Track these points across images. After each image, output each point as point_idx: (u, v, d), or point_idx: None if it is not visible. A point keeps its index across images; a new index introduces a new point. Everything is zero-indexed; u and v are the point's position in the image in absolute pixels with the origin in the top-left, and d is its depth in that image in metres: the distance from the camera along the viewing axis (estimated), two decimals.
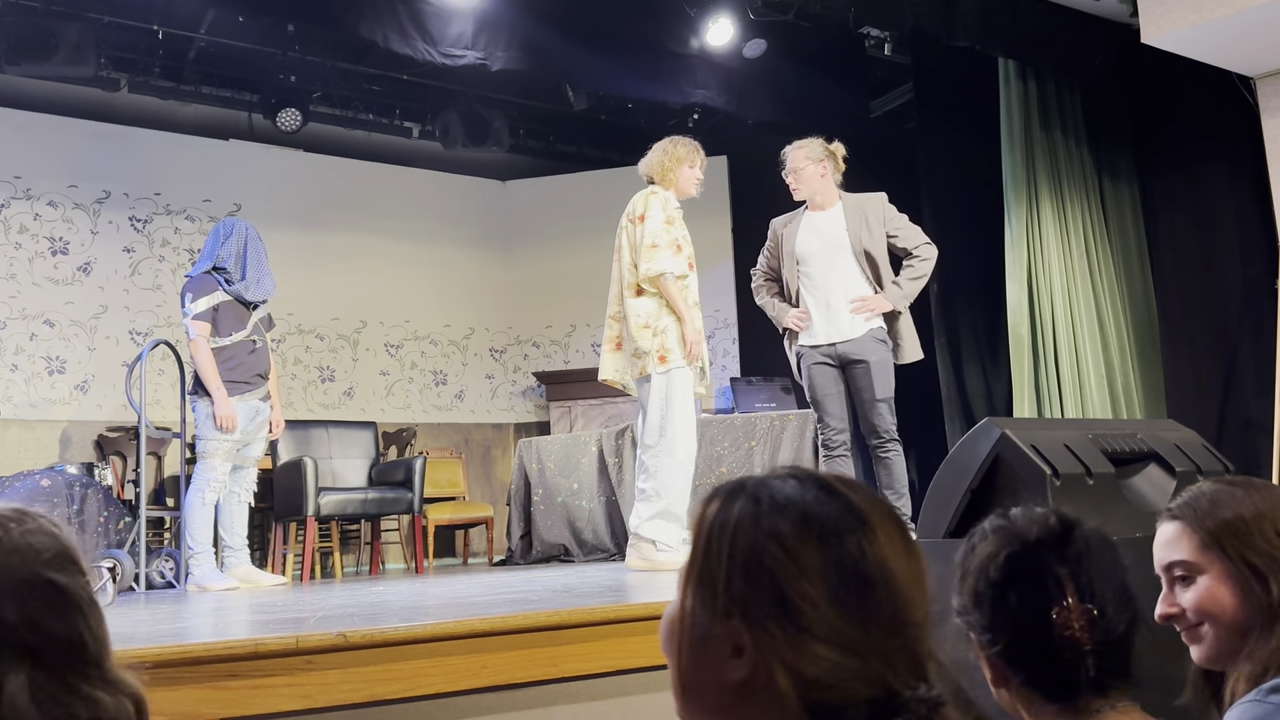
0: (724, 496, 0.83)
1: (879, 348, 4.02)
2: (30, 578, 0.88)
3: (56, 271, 6.57)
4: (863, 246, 4.07)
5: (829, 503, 0.80)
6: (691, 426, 3.97)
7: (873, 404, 4.01)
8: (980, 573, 1.16)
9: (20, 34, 5.44)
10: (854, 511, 0.79)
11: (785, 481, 0.82)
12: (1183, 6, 4.75)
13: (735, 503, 0.82)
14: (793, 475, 0.83)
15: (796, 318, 4.12)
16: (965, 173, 6.04)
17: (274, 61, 6.30)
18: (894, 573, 0.79)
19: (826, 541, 0.77)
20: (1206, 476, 2.28)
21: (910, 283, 4.09)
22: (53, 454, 6.32)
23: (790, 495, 0.80)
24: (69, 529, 0.96)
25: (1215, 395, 5.55)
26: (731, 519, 0.80)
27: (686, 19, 5.83)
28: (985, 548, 1.17)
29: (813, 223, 4.18)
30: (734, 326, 7.77)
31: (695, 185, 4.17)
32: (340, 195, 7.50)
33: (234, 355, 4.60)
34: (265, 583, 4.66)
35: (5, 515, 0.92)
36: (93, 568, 0.97)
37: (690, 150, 4.20)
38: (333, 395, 7.36)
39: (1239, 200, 5.50)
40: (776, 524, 0.78)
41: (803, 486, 0.81)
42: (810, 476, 0.82)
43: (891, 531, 0.80)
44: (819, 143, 4.20)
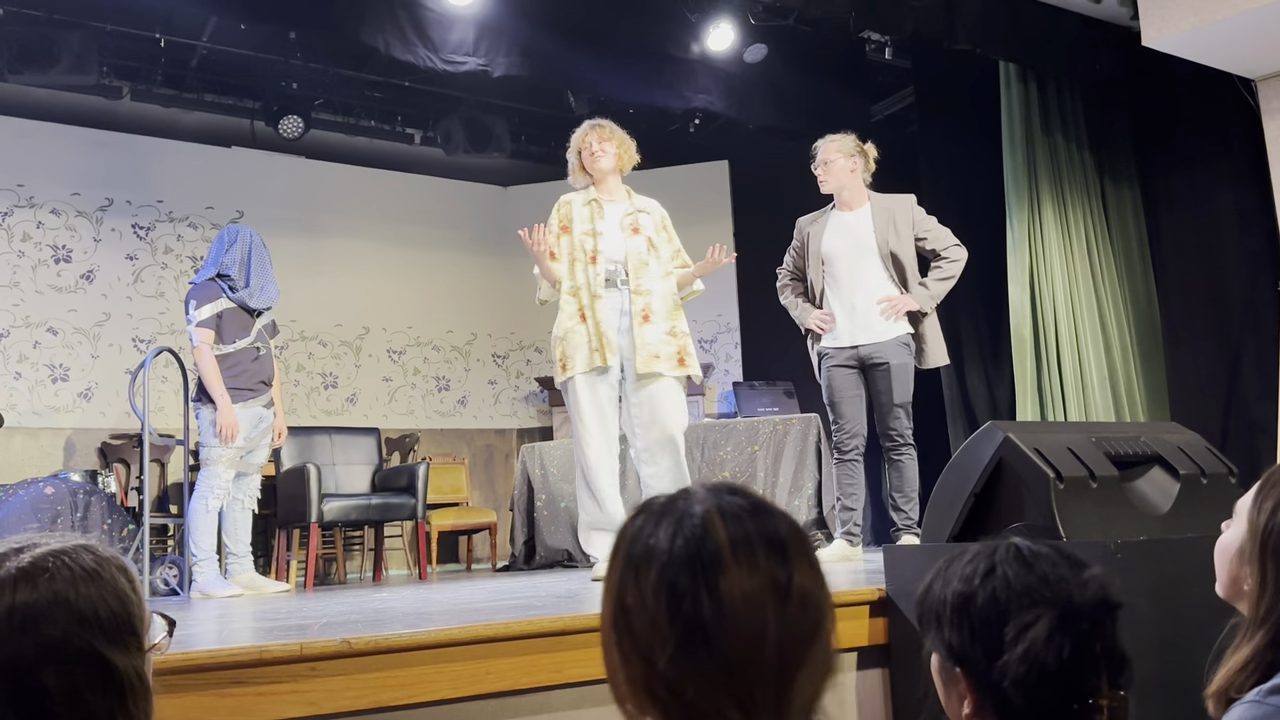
0: (640, 512, 0.89)
1: (901, 351, 4.00)
2: (84, 650, 0.83)
3: (60, 279, 6.58)
4: (889, 248, 4.03)
5: (690, 544, 0.84)
6: (589, 434, 3.79)
7: (890, 407, 4.00)
8: (1001, 621, 1.08)
9: (23, 43, 5.46)
10: (708, 553, 0.83)
11: (661, 523, 0.87)
12: (1183, 9, 4.76)
13: (635, 520, 0.89)
14: (686, 511, 0.86)
15: (820, 319, 4.08)
16: (966, 176, 6.05)
17: (276, 69, 6.31)
18: (739, 614, 0.81)
19: (670, 583, 0.83)
20: (1210, 479, 2.28)
21: (938, 284, 4.05)
22: (56, 462, 6.32)
23: (661, 538, 0.85)
24: (140, 588, 0.91)
25: (1218, 397, 5.54)
26: (626, 535, 0.88)
27: (687, 24, 5.84)
28: (1026, 615, 1.08)
29: (840, 222, 4.15)
30: (736, 331, 7.77)
31: (592, 159, 3.89)
32: (342, 202, 7.51)
33: (238, 362, 4.60)
34: (269, 589, 4.67)
35: (81, 562, 0.87)
36: (151, 619, 0.94)
37: (575, 140, 3.98)
38: (335, 401, 7.37)
39: (1241, 202, 5.50)
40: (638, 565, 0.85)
41: (678, 526, 0.85)
42: (697, 513, 0.86)
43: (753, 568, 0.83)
44: (852, 139, 4.16)
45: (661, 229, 3.98)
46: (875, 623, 2.42)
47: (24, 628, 0.82)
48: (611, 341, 3.77)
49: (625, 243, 3.86)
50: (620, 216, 3.90)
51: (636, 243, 3.87)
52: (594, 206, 3.90)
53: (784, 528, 0.87)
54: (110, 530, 4.86)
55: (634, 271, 3.83)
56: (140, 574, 4.43)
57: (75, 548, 0.90)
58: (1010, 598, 1.09)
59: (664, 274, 3.88)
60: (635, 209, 3.94)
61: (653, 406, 3.78)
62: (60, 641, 0.83)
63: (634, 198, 3.99)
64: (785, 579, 0.83)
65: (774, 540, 0.85)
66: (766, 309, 6.60)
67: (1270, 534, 1.19)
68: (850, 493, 4.07)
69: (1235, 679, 1.16)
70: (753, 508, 0.87)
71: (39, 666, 0.81)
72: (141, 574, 4.46)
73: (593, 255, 3.84)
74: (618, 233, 3.87)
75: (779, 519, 0.87)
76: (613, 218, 3.90)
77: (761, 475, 5.22)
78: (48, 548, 0.89)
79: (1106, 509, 2.11)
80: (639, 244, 3.87)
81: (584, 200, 3.91)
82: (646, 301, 3.80)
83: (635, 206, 3.95)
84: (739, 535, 0.83)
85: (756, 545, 0.83)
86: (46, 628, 0.82)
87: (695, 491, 0.88)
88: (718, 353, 7.77)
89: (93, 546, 0.91)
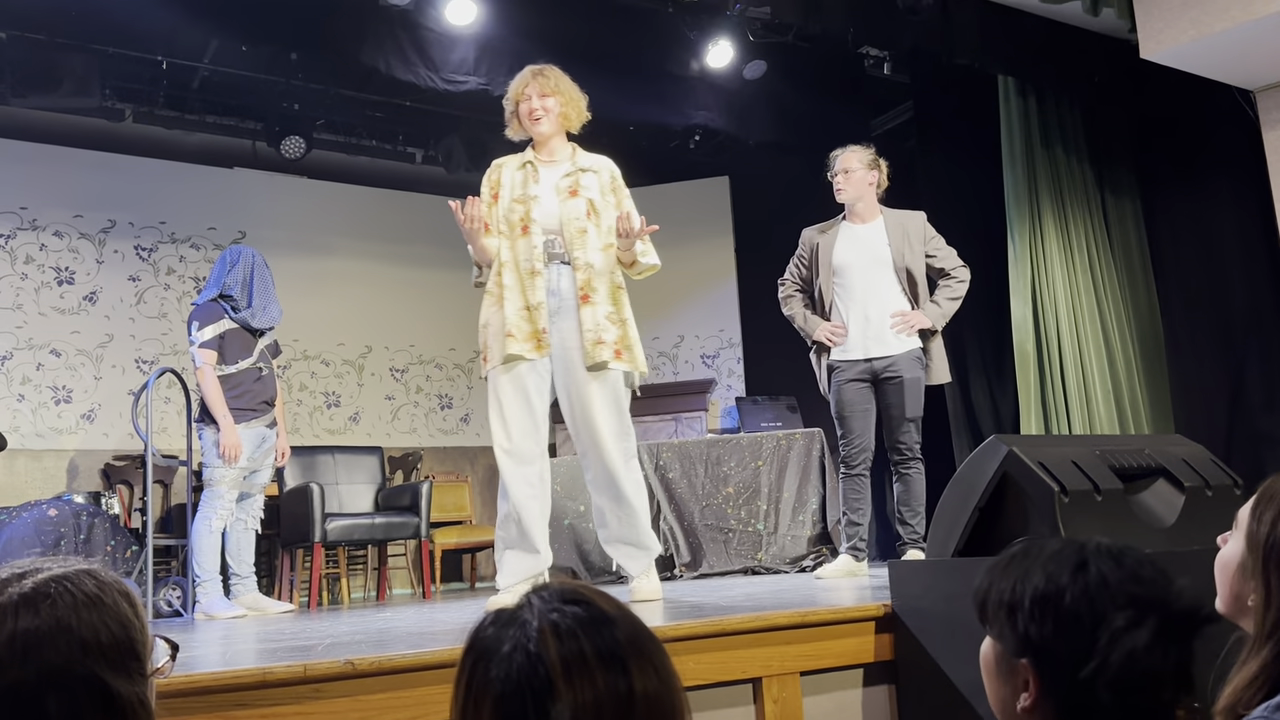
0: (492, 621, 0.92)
1: (915, 365, 4.01)
2: (86, 676, 0.83)
3: (63, 301, 6.59)
4: (905, 263, 4.05)
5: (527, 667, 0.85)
6: (508, 439, 3.20)
7: (902, 421, 4.00)
8: (1094, 618, 1.06)
9: (26, 67, 5.48)
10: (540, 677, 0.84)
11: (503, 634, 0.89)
12: (1181, 21, 4.77)
13: (484, 630, 0.91)
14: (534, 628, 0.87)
15: (830, 332, 4.08)
16: (967, 189, 6.05)
17: (277, 90, 6.34)
18: None
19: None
20: (1215, 491, 2.27)
21: (948, 303, 4.09)
22: (60, 483, 6.32)
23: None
24: (143, 612, 0.90)
25: (1222, 408, 5.53)
26: (473, 649, 0.91)
27: (687, 42, 5.86)
28: (1124, 615, 1.06)
29: (852, 234, 4.15)
30: (739, 346, 7.77)
31: (531, 120, 3.30)
32: (344, 221, 7.53)
33: (240, 383, 4.61)
34: (272, 610, 4.65)
35: (83, 588, 0.87)
36: (153, 642, 0.93)
37: (513, 88, 3.38)
38: (338, 420, 7.37)
39: (1242, 212, 5.50)
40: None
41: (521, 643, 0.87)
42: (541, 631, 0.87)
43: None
44: (871, 151, 4.20)
45: (610, 190, 3.34)
46: (881, 639, 2.41)
47: (25, 654, 0.81)
48: (540, 327, 3.18)
49: (560, 207, 3.25)
50: (557, 178, 3.30)
51: (574, 206, 3.25)
52: (528, 170, 3.31)
53: (623, 634, 0.87)
54: (114, 552, 4.86)
55: (571, 241, 3.22)
56: (144, 595, 4.42)
57: (77, 573, 0.90)
58: (1106, 596, 1.07)
59: (604, 245, 3.26)
60: (577, 168, 3.32)
61: (583, 405, 3.21)
62: (62, 668, 0.83)
63: (578, 155, 3.37)
64: (625, 690, 0.84)
65: (610, 653, 0.85)
66: (769, 323, 6.60)
67: (1272, 547, 1.18)
68: (857, 507, 4.06)
69: (1243, 695, 1.15)
70: (590, 620, 0.87)
71: (41, 693, 0.81)
72: (145, 595, 4.46)
73: (524, 225, 3.24)
74: (552, 196, 3.27)
75: (618, 626, 0.88)
76: (548, 181, 3.31)
77: (765, 491, 5.21)
78: (50, 573, 0.88)
79: (1111, 522, 2.11)
80: (577, 208, 3.25)
81: (519, 163, 3.34)
82: (586, 277, 3.20)
83: (577, 165, 3.33)
84: (572, 654, 0.84)
85: (591, 663, 0.84)
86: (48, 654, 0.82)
87: (533, 603, 0.89)
88: (720, 368, 7.77)
89: (95, 571, 0.91)
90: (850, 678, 2.38)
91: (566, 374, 3.24)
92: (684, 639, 2.18)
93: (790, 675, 2.28)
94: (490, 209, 3.30)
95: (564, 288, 3.23)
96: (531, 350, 3.18)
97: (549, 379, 3.26)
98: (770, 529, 5.15)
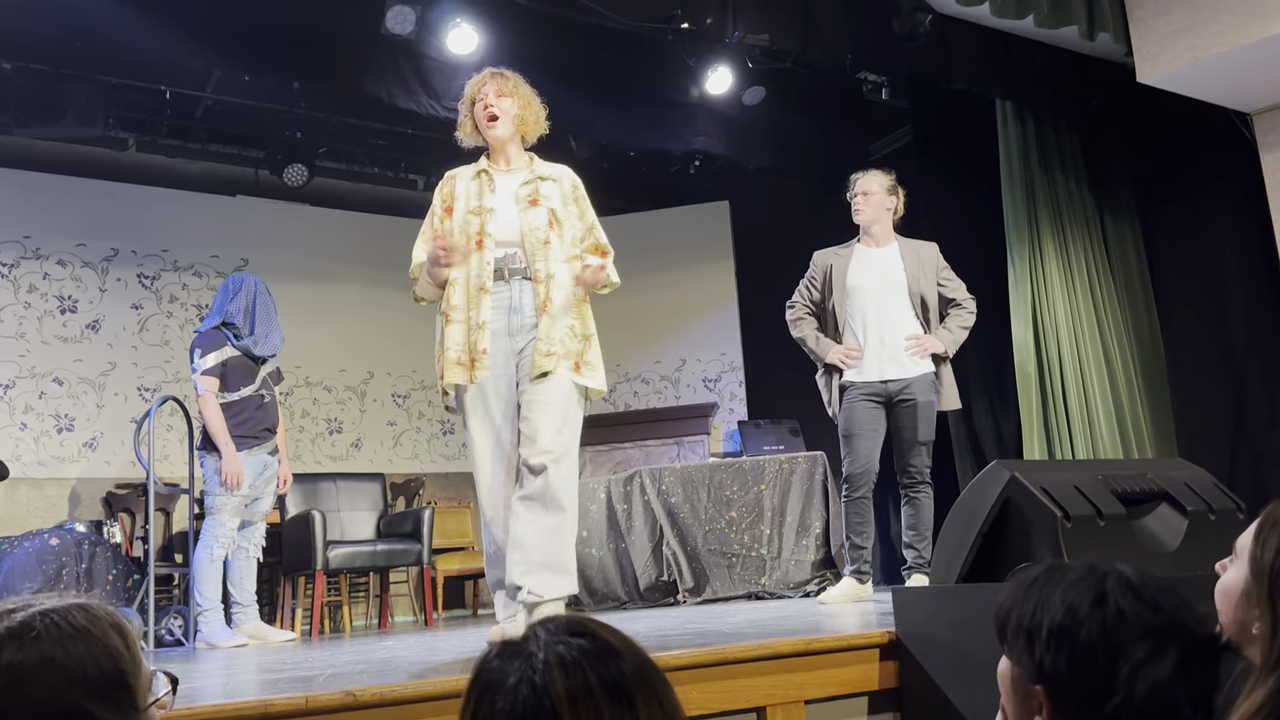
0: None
1: (929, 389, 4.04)
2: (71, 708, 0.83)
3: (65, 329, 6.61)
4: (919, 288, 4.11)
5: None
6: (478, 464, 3.05)
7: (914, 444, 4.01)
8: (1109, 654, 1.06)
9: (31, 97, 5.52)
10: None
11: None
12: (1176, 46, 4.80)
13: (489, 662, 0.90)
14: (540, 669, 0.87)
15: (845, 355, 4.09)
16: (966, 212, 6.07)
17: (280, 118, 6.37)
18: None
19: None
20: (1218, 515, 2.26)
21: (959, 330, 4.15)
22: (61, 512, 6.31)
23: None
24: (135, 644, 0.90)
25: (1225, 430, 5.52)
26: (479, 681, 0.90)
27: (686, 69, 5.90)
28: (1142, 647, 1.06)
29: (867, 256, 4.20)
30: (740, 369, 7.77)
31: (487, 121, 3.12)
32: (346, 248, 7.55)
33: (242, 410, 4.61)
34: (274, 639, 4.64)
35: (71, 621, 0.87)
36: (152, 677, 0.93)
37: (469, 89, 3.22)
38: (340, 447, 7.36)
39: (1241, 233, 5.51)
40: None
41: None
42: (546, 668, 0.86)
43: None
44: (892, 178, 4.29)
45: (571, 200, 3.14)
46: (885, 666, 2.40)
47: (10, 688, 0.82)
48: (481, 348, 2.96)
49: (520, 218, 3.04)
50: (515, 187, 3.09)
51: (534, 217, 3.04)
52: (483, 179, 3.11)
53: (628, 667, 0.87)
54: (115, 581, 4.84)
55: (532, 253, 3.00)
56: (145, 624, 4.41)
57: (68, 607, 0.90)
58: (1124, 630, 1.07)
59: (567, 257, 3.05)
60: (536, 176, 3.12)
61: (533, 416, 2.94)
62: (46, 701, 0.84)
63: (536, 164, 3.17)
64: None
65: (615, 686, 0.85)
66: (771, 347, 6.61)
67: (1276, 574, 1.17)
68: (860, 530, 4.06)
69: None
70: (595, 652, 0.87)
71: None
72: (146, 624, 4.44)
73: (478, 239, 3.03)
74: (510, 207, 3.06)
75: (624, 658, 0.87)
76: (505, 190, 3.09)
77: (768, 514, 5.20)
78: (39, 608, 0.89)
79: (1115, 548, 2.10)
80: (538, 218, 3.04)
81: (473, 173, 3.14)
82: (547, 290, 2.99)
83: (536, 173, 3.13)
84: (578, 686, 0.83)
85: (597, 695, 0.83)
86: (32, 687, 0.82)
87: (539, 635, 0.89)
88: (722, 391, 7.77)
89: (88, 605, 0.91)
90: (855, 706, 2.37)
91: (523, 383, 3.01)
92: (686, 668, 2.17)
93: (795, 704, 2.27)
94: (443, 223, 3.08)
95: (525, 304, 3.01)
96: (464, 376, 2.97)
97: (514, 394, 3.03)
98: (774, 553, 5.13)
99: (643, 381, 7.75)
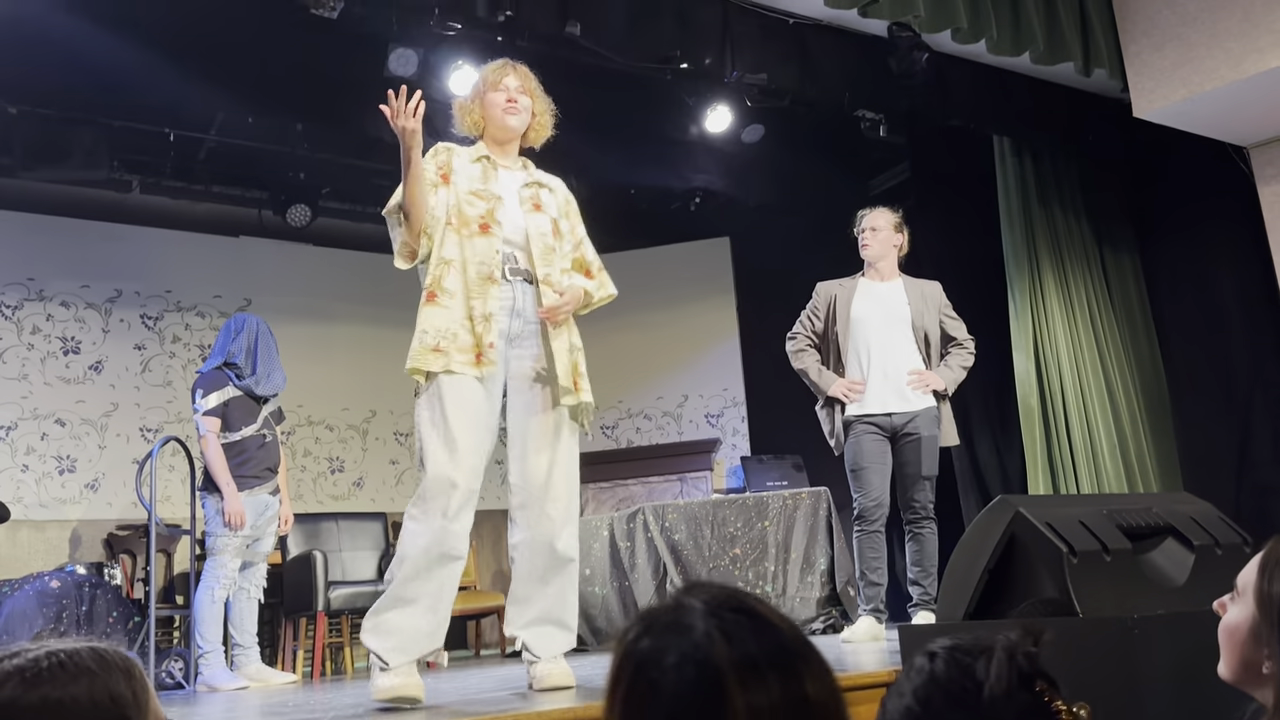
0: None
1: (932, 424, 4.05)
2: None
3: (68, 371, 6.62)
4: (923, 324, 4.15)
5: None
6: (455, 461, 2.68)
7: (917, 479, 4.01)
8: None
9: (36, 140, 5.57)
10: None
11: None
12: (1171, 81, 4.85)
13: (638, 641, 0.85)
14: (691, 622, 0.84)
15: (847, 389, 4.09)
16: (965, 247, 6.09)
17: (283, 159, 6.42)
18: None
19: None
20: (1224, 549, 2.25)
21: (959, 369, 4.19)
22: (62, 554, 6.29)
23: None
24: (142, 689, 0.89)
25: (1230, 463, 5.50)
26: (630, 659, 0.85)
27: (685, 107, 5.95)
28: None
29: (871, 290, 4.23)
30: (743, 405, 7.76)
31: (507, 109, 2.95)
32: (349, 288, 7.58)
33: (244, 450, 4.61)
34: (275, 681, 4.60)
35: (77, 663, 0.86)
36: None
37: (484, 76, 3.05)
38: (342, 486, 7.34)
39: (1241, 266, 5.52)
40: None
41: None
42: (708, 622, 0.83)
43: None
44: (898, 216, 4.36)
45: (564, 215, 3.03)
46: None
47: None
48: (488, 341, 2.73)
49: (526, 219, 2.88)
50: (518, 187, 2.94)
51: (539, 221, 2.90)
52: (486, 164, 2.93)
53: (788, 638, 0.84)
54: (116, 623, 4.81)
55: (540, 258, 2.85)
56: (146, 667, 4.37)
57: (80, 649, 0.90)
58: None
59: (562, 270, 2.94)
60: (534, 180, 3.00)
61: (541, 451, 2.80)
62: None
63: (531, 168, 3.05)
64: (799, 695, 0.80)
65: (781, 659, 0.82)
66: (773, 382, 6.60)
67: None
68: (875, 566, 4.02)
69: None
70: (756, 625, 0.84)
71: None
72: (147, 667, 4.41)
73: (483, 223, 2.80)
74: (515, 205, 2.89)
75: (782, 629, 0.84)
76: (509, 185, 2.93)
77: (772, 551, 5.17)
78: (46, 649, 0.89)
79: (1122, 583, 2.09)
80: (542, 223, 2.90)
81: (473, 156, 2.94)
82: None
83: (534, 178, 3.01)
84: (743, 656, 0.80)
85: (764, 668, 0.80)
86: None
87: (694, 607, 0.84)
88: (725, 427, 7.75)
89: (101, 648, 0.91)
90: None
91: (527, 411, 2.81)
92: None
93: None
94: (435, 188, 2.86)
95: (528, 309, 2.82)
96: (469, 365, 2.68)
97: (499, 402, 2.80)
98: (779, 590, 5.10)
99: (645, 417, 7.74)
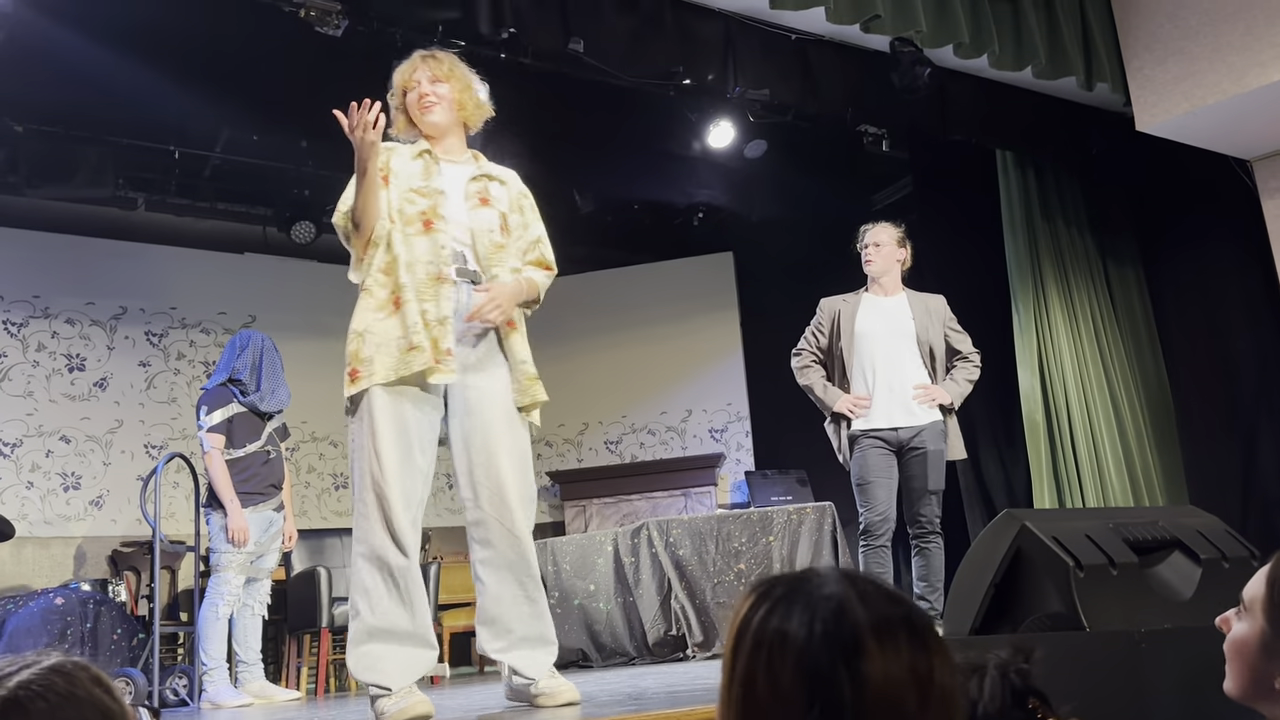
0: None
1: (938, 438, 4.04)
2: None
3: (73, 388, 6.63)
4: (927, 338, 4.14)
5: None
6: (386, 479, 2.67)
7: (924, 493, 4.00)
8: None
9: (42, 159, 5.61)
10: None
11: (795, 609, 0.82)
12: (1174, 95, 4.86)
13: (756, 608, 0.83)
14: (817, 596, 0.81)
15: (853, 404, 4.09)
16: (969, 261, 6.09)
17: (288, 176, 6.45)
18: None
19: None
20: (1231, 563, 2.24)
21: (965, 383, 4.18)
22: (67, 571, 6.28)
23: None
24: (119, 695, 0.88)
25: (1235, 477, 5.48)
26: (749, 623, 0.82)
27: (688, 123, 5.98)
28: None
29: (876, 305, 4.23)
30: (747, 420, 7.76)
31: (421, 107, 2.78)
32: (353, 303, 7.57)
33: (248, 466, 4.61)
34: (279, 698, 4.59)
35: (52, 689, 0.85)
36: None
37: (399, 75, 2.87)
38: (347, 502, 7.33)
39: (1245, 278, 5.51)
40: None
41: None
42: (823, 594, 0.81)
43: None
44: (901, 230, 4.35)
45: (517, 209, 2.86)
46: None
47: None
48: (444, 347, 2.60)
49: (470, 216, 2.73)
50: (464, 181, 2.77)
51: (486, 217, 2.74)
52: (427, 160, 2.75)
53: (918, 617, 0.82)
54: (120, 640, 4.81)
55: (486, 256, 2.71)
56: (150, 684, 4.36)
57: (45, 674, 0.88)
58: None
59: (512, 268, 2.77)
60: (484, 173, 2.82)
61: (492, 459, 2.70)
62: None
63: (482, 161, 2.87)
64: (926, 670, 0.78)
65: (914, 627, 0.80)
66: (777, 396, 6.60)
67: None
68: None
69: None
70: (887, 594, 0.82)
71: None
72: (151, 684, 4.40)
73: (426, 219, 2.66)
74: (460, 200, 2.74)
75: (912, 608, 0.83)
76: (454, 179, 2.76)
77: (777, 566, 5.15)
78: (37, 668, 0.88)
79: (1128, 597, 2.08)
80: (489, 219, 2.75)
81: (414, 152, 2.77)
82: None
83: (483, 170, 2.83)
84: (879, 618, 0.78)
85: (898, 629, 0.79)
86: None
87: (822, 574, 0.83)
88: (729, 442, 7.75)
89: (61, 667, 0.89)
90: None
91: (469, 417, 2.68)
92: None
93: None
94: None
95: (471, 308, 2.66)
96: (438, 365, 2.58)
97: (440, 411, 2.71)
98: None
99: (649, 433, 7.73)
